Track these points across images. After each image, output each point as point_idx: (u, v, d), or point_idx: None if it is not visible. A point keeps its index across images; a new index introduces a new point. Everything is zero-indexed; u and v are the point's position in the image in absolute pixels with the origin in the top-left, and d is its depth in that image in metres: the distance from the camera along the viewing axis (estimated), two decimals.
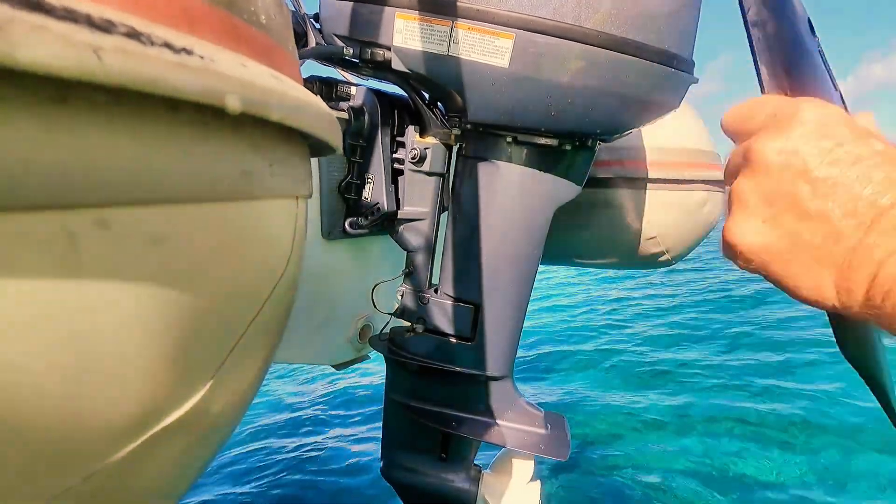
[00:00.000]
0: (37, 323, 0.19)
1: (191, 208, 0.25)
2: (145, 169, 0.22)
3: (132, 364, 0.23)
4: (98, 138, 0.20)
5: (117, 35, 0.19)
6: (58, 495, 0.21)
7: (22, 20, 0.16)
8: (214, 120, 0.25)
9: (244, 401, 0.35)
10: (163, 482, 0.28)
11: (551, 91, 0.94)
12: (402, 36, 1.00)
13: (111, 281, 0.21)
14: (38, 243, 0.18)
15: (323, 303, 1.34)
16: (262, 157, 0.30)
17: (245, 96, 0.24)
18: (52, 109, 0.19)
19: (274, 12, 0.34)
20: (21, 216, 0.18)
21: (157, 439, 0.25)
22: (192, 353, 0.26)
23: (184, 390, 0.26)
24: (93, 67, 0.17)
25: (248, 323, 0.30)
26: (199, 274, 0.25)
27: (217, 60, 0.23)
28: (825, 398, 3.34)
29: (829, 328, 0.50)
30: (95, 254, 0.20)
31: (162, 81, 0.20)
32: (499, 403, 1.17)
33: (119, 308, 0.22)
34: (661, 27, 0.94)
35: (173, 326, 0.24)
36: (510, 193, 1.08)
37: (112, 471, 0.23)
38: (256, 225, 0.30)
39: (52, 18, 0.17)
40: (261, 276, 0.31)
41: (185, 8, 0.23)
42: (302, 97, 0.31)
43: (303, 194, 0.36)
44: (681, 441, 2.99)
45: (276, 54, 0.33)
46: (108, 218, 0.21)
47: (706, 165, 1.76)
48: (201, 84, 0.21)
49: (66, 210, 0.19)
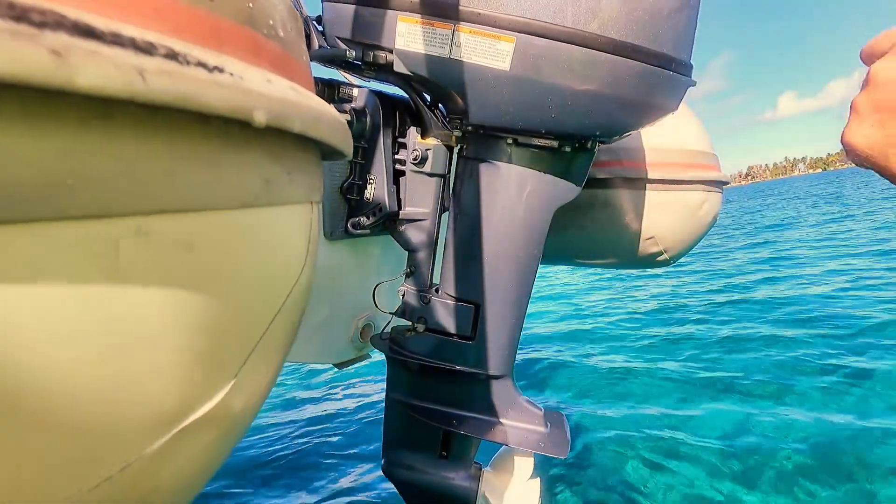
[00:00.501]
0: (82, 325, 0.20)
1: (219, 215, 0.26)
2: (178, 178, 0.24)
3: (166, 363, 0.24)
4: (138, 151, 0.21)
5: (158, 57, 0.20)
6: (98, 484, 0.23)
7: (77, 47, 0.17)
8: (239, 131, 0.27)
9: (261, 398, 0.36)
10: (189, 473, 0.29)
11: (551, 93, 0.95)
12: (403, 39, 1.02)
13: (148, 285, 0.23)
14: (86, 250, 0.20)
15: (324, 302, 1.35)
16: (281, 166, 0.31)
17: (270, 110, 0.25)
18: (99, 125, 0.20)
19: (290, 24, 0.36)
20: (73, 225, 0.19)
21: (186, 433, 0.27)
22: (218, 352, 0.28)
23: (211, 387, 0.27)
24: (138, 87, 0.19)
25: (269, 323, 0.31)
26: (225, 277, 0.27)
27: (245, 77, 0.24)
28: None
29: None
30: (134, 260, 0.22)
31: (198, 99, 0.21)
32: (499, 402, 1.19)
33: (154, 311, 0.23)
34: (659, 31, 0.96)
35: (203, 327, 0.26)
36: (510, 194, 1.10)
37: (146, 462, 0.25)
38: (277, 230, 0.31)
39: (103, 44, 0.18)
40: (281, 278, 0.32)
41: (215, 27, 0.25)
42: (318, 108, 0.32)
43: (316, 200, 0.38)
44: (681, 441, 3.02)
45: (292, 65, 0.35)
46: (147, 226, 0.22)
47: (704, 166, 1.78)
48: (232, 100, 0.23)
49: (112, 218, 0.20)
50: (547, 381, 4.28)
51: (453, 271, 1.16)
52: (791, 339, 4.54)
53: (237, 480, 3.00)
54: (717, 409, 3.40)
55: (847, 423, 2.94)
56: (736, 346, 4.57)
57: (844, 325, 4.66)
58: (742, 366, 4.07)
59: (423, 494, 1.30)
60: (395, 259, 1.48)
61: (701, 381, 3.90)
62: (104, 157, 0.20)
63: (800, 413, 3.16)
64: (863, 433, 2.79)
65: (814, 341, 4.39)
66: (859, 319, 4.76)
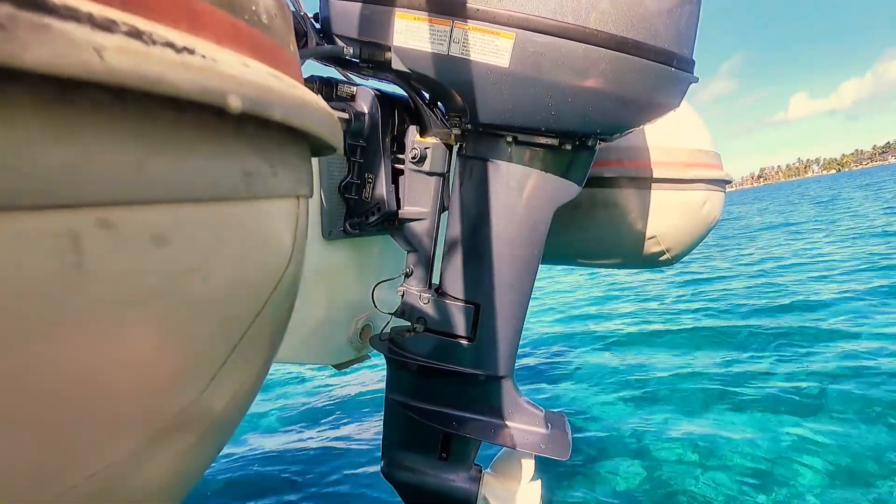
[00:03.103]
0: (41, 323, 0.19)
1: (193, 208, 0.25)
2: (148, 168, 0.22)
3: (135, 363, 0.23)
4: (101, 138, 0.20)
5: (119, 34, 0.19)
6: (63, 492, 0.21)
7: (25, 20, 0.16)
8: (216, 121, 0.25)
9: (246, 399, 0.35)
10: (164, 481, 0.28)
11: (551, 90, 0.94)
12: (402, 36, 1.01)
13: (114, 281, 0.21)
14: (41, 243, 0.19)
15: (323, 303, 1.34)
16: (264, 158, 0.30)
17: (246, 95, 0.24)
18: (57, 109, 0.19)
19: (275, 13, 0.34)
20: (24, 215, 0.18)
21: (159, 438, 0.25)
22: (193, 352, 0.26)
23: (186, 390, 0.26)
24: (95, 66, 0.17)
25: (251, 322, 0.30)
26: (201, 273, 0.25)
27: (219, 60, 0.23)
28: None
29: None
30: (98, 253, 0.21)
31: (163, 80, 0.20)
32: (500, 403, 1.17)
33: (121, 307, 0.22)
34: (660, 26, 0.94)
35: (175, 325, 0.24)
36: (511, 193, 1.09)
37: (116, 469, 0.23)
38: (258, 225, 0.30)
39: (55, 18, 0.17)
40: (262, 275, 0.31)
41: (187, 8, 0.23)
42: (303, 96, 0.31)
43: (304, 194, 0.36)
44: (681, 439, 2.99)
45: (278, 54, 0.33)
46: (111, 217, 0.21)
47: (706, 165, 1.77)
48: (203, 83, 0.21)
49: (70, 209, 0.19)
50: (547, 380, 4.26)
51: (453, 271, 1.15)
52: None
53: (230, 481, 2.99)
54: (719, 409, 3.38)
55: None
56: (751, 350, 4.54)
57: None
58: (747, 370, 4.04)
59: (423, 496, 1.29)
60: (394, 259, 1.47)
61: (704, 384, 3.88)
62: (62, 144, 0.19)
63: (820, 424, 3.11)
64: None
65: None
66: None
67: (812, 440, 2.84)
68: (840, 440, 2.78)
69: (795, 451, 2.75)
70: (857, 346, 4.12)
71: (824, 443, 2.78)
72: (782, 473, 2.60)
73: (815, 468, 2.58)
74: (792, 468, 2.62)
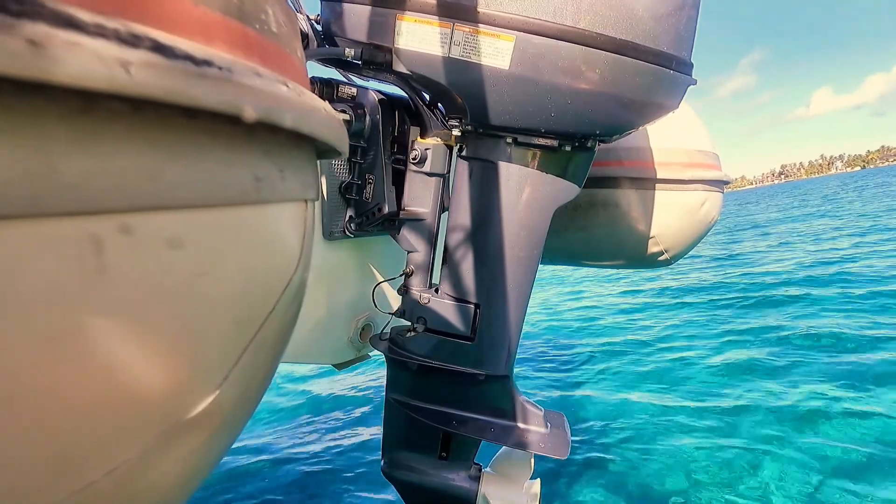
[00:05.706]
0: (65, 324, 0.20)
1: (206, 213, 0.25)
2: (163, 174, 0.23)
3: (152, 364, 0.24)
4: (119, 145, 0.21)
5: (143, 49, 0.19)
6: (83, 488, 0.22)
7: (58, 37, 0.17)
8: (229, 127, 0.26)
9: (255, 399, 0.36)
10: (177, 478, 0.29)
11: (551, 92, 0.95)
12: (403, 38, 1.01)
13: (134, 284, 0.22)
14: (66, 248, 0.19)
15: (324, 303, 1.35)
16: (274, 163, 0.30)
17: (260, 104, 0.24)
18: (79, 119, 0.19)
19: (283, 21, 0.35)
20: (49, 222, 0.19)
21: (172, 436, 0.26)
22: (207, 353, 0.27)
23: (200, 389, 0.27)
24: (123, 81, 0.18)
25: (261, 324, 0.31)
26: (214, 277, 0.26)
27: (234, 71, 0.24)
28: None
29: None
30: (119, 258, 0.21)
31: (185, 92, 0.21)
32: (499, 402, 1.18)
33: (139, 310, 0.23)
34: (658, 29, 0.95)
35: (190, 328, 0.25)
36: (510, 193, 1.09)
37: (132, 465, 0.24)
38: (268, 229, 0.31)
39: (85, 35, 0.17)
40: (273, 278, 0.32)
41: (204, 21, 0.24)
42: (312, 103, 0.32)
43: (311, 198, 0.37)
44: (681, 439, 3.01)
45: (286, 61, 0.34)
46: (131, 223, 0.21)
47: (705, 165, 1.78)
48: (221, 94, 0.22)
49: (92, 216, 0.20)
50: (546, 379, 4.27)
51: (453, 271, 1.16)
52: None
53: (231, 481, 2.99)
54: (720, 408, 3.39)
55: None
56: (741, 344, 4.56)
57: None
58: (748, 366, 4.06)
59: (422, 495, 1.30)
60: (394, 259, 1.48)
61: (705, 384, 3.89)
62: (85, 153, 0.19)
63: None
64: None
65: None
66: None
67: (813, 442, 2.85)
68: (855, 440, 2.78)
69: (799, 452, 2.77)
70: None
71: (830, 445, 2.80)
72: (784, 473, 2.61)
73: (815, 468, 2.60)
74: (793, 469, 2.63)
